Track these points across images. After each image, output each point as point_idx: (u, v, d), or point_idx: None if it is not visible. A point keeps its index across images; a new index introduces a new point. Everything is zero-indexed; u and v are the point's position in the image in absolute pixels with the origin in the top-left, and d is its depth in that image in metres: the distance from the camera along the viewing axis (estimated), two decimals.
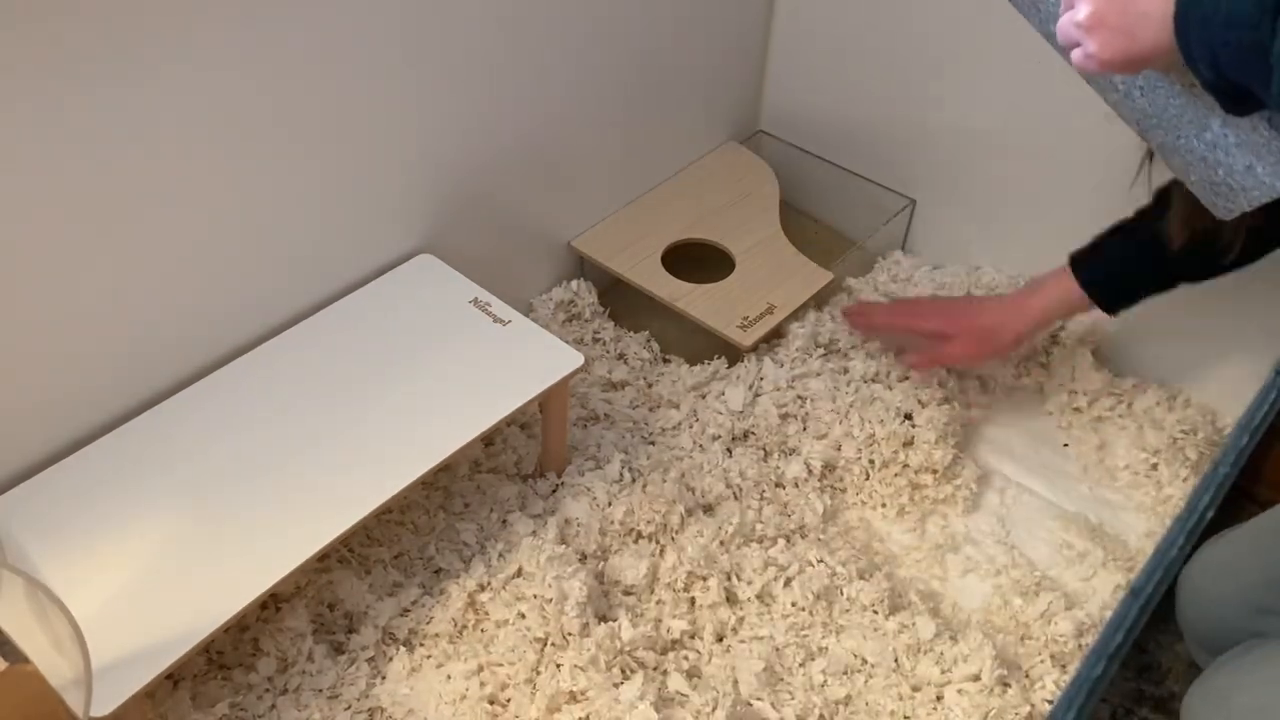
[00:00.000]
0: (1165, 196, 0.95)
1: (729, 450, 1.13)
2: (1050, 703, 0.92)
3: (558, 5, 1.07)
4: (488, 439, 1.08)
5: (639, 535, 1.03)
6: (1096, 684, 0.40)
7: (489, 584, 0.97)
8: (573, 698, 0.88)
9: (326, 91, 0.90)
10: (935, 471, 1.10)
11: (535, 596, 0.94)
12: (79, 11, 0.71)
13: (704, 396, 1.17)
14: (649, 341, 1.25)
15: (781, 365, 1.18)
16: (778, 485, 1.10)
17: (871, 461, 1.11)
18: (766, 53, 1.42)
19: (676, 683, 0.90)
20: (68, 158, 0.75)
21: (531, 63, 1.08)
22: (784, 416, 1.14)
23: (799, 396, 1.16)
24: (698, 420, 1.15)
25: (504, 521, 1.03)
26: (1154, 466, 1.13)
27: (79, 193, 0.77)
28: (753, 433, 1.13)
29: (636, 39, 1.19)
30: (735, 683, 0.91)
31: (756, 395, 1.16)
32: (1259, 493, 1.14)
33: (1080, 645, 0.97)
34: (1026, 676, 0.95)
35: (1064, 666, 0.96)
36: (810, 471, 1.10)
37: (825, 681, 0.93)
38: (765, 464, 1.11)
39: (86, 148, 0.76)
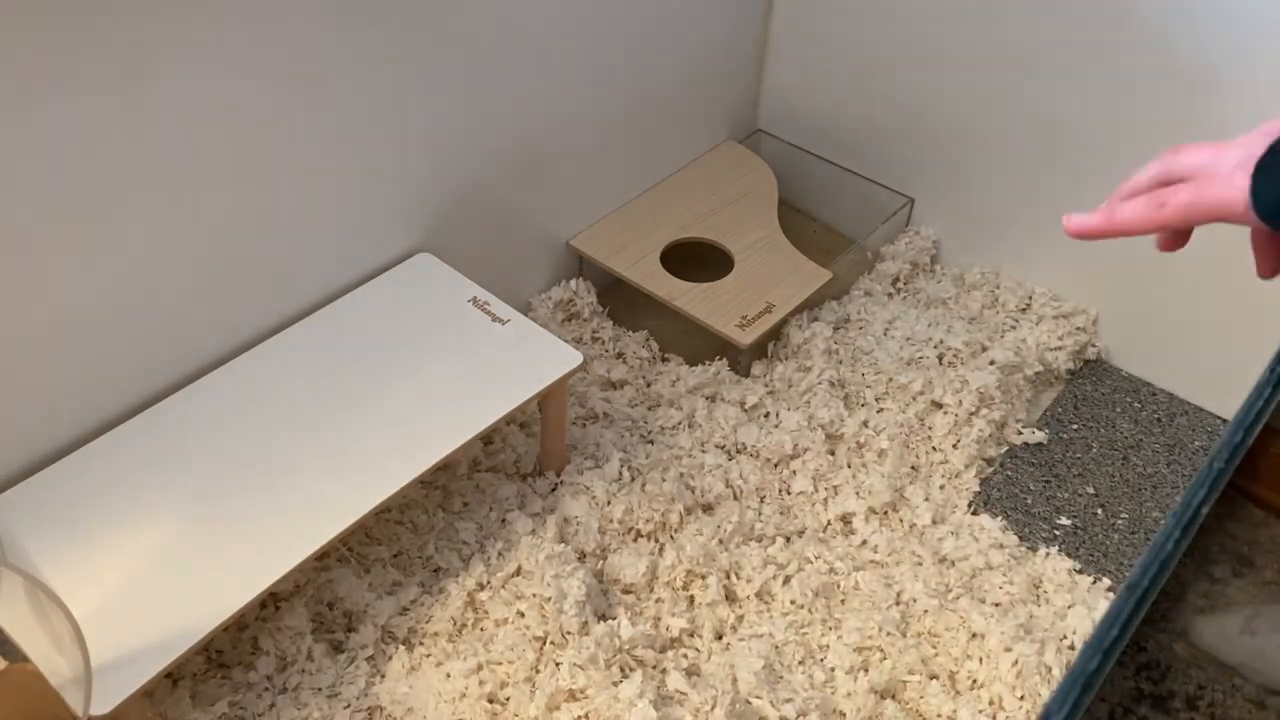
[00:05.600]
0: None
1: (729, 451, 1.13)
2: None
3: (556, 4, 1.07)
4: (487, 438, 1.08)
5: (638, 534, 1.03)
6: (1092, 679, 0.40)
7: (488, 583, 0.97)
8: (572, 696, 0.88)
9: (326, 91, 0.90)
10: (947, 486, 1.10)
11: (534, 595, 0.94)
12: (81, 10, 0.71)
13: (710, 399, 1.17)
14: (648, 340, 1.25)
15: (790, 373, 1.19)
16: (780, 490, 1.10)
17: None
18: (765, 52, 1.42)
19: (676, 681, 0.90)
20: (68, 157, 0.76)
21: (530, 62, 1.08)
22: (792, 428, 1.14)
23: (808, 404, 1.16)
24: (698, 421, 1.15)
25: (503, 520, 1.03)
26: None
27: (79, 193, 0.78)
28: (756, 444, 1.13)
29: (635, 38, 1.19)
30: (734, 681, 0.91)
31: (761, 404, 1.16)
32: (1255, 490, 1.14)
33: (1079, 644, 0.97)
34: (1022, 673, 0.95)
35: (1064, 665, 0.96)
36: (814, 482, 1.10)
37: (825, 679, 0.93)
38: (766, 465, 1.11)
39: (87, 148, 0.76)
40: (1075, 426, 1.18)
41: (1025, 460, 1.15)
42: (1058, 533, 1.07)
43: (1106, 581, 1.03)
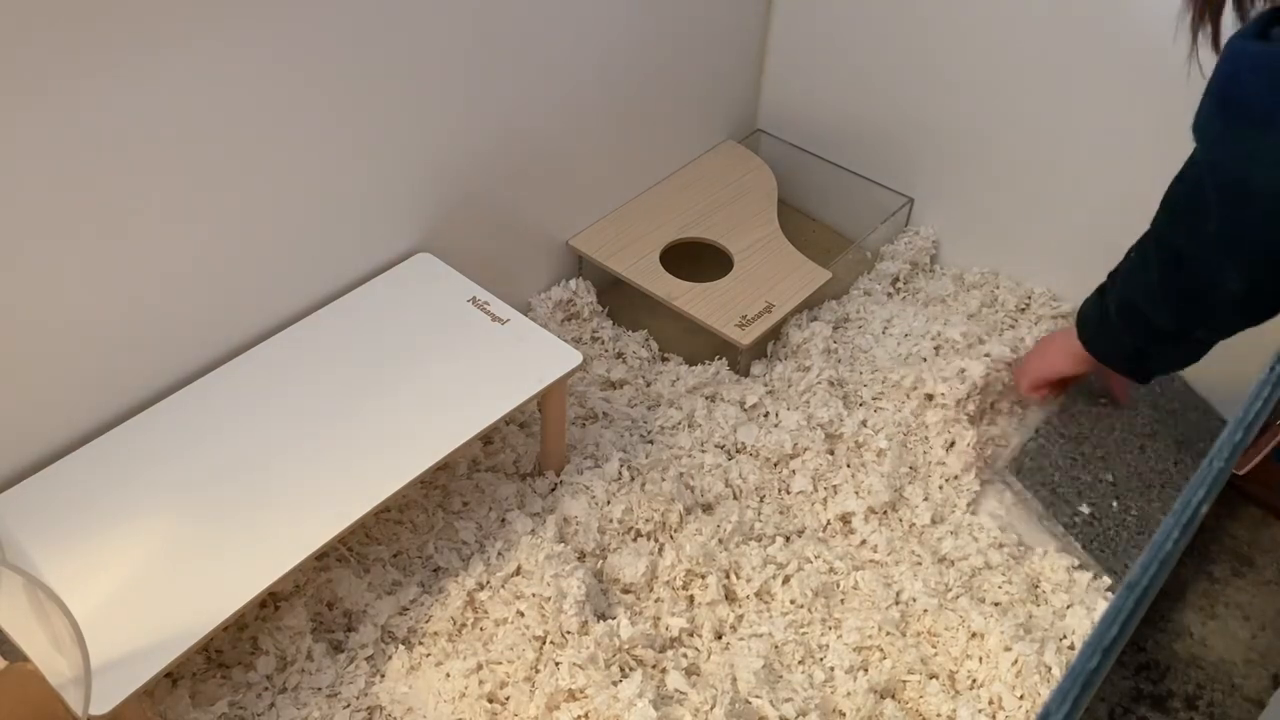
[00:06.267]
0: None
1: (728, 451, 1.13)
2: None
3: (556, 4, 1.07)
4: (486, 437, 1.08)
5: (638, 534, 1.03)
6: (1091, 677, 0.40)
7: (488, 582, 0.97)
8: (571, 696, 0.88)
9: (325, 90, 0.90)
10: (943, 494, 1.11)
11: (534, 595, 0.94)
12: (84, 7, 0.71)
13: (710, 399, 1.17)
14: (647, 340, 1.25)
15: (789, 372, 1.19)
16: (780, 489, 1.10)
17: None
18: (765, 51, 1.42)
19: (675, 680, 0.90)
20: (67, 157, 0.76)
21: (531, 62, 1.08)
22: (791, 429, 1.14)
23: (807, 404, 1.16)
24: (697, 421, 1.15)
25: (503, 520, 1.03)
26: None
27: (79, 192, 0.78)
28: (755, 444, 1.13)
29: (635, 37, 1.20)
30: (734, 680, 0.91)
31: (760, 403, 1.16)
32: (1253, 490, 1.14)
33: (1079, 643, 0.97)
34: (1021, 673, 0.95)
35: (1064, 664, 0.96)
36: (814, 481, 1.10)
37: (825, 678, 0.93)
38: (765, 465, 1.11)
39: (86, 147, 0.76)
40: (1104, 400, 1.17)
41: (1058, 432, 1.13)
42: (1078, 519, 1.07)
43: (1106, 580, 1.03)
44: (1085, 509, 1.08)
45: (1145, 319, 0.91)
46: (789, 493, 1.10)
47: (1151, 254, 0.88)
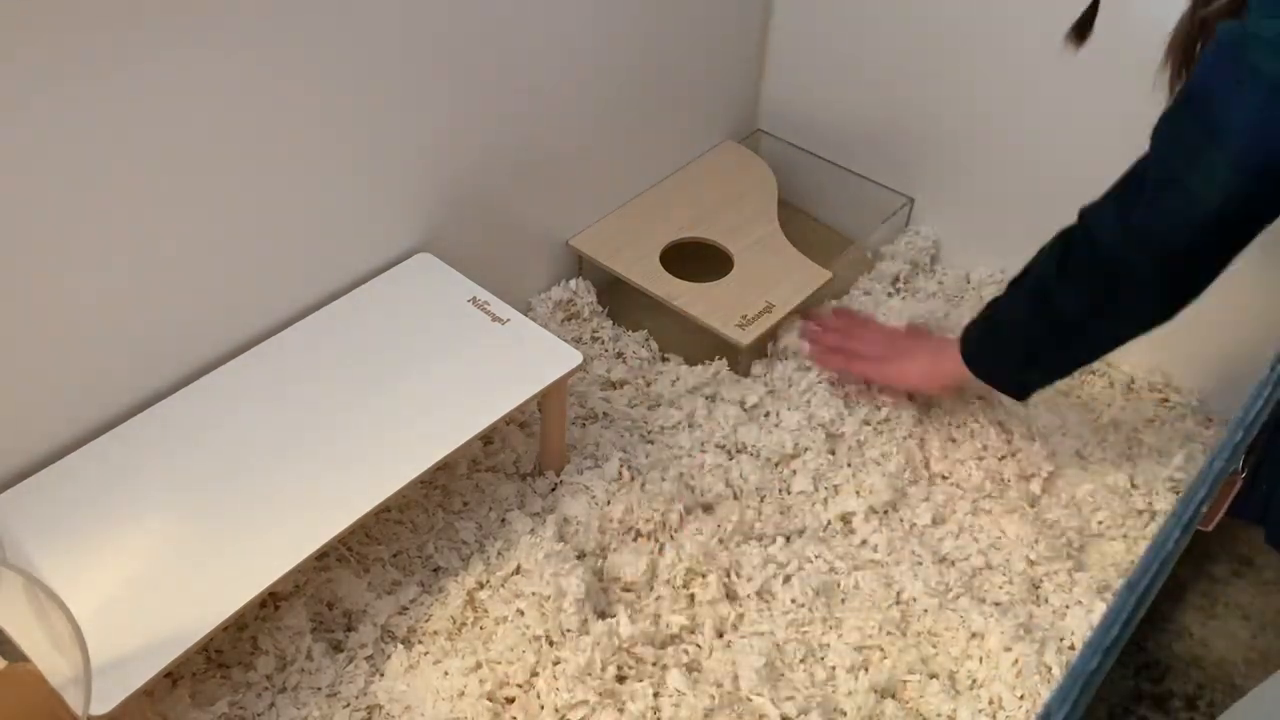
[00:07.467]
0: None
1: (729, 451, 1.13)
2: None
3: (556, 4, 1.07)
4: (486, 437, 1.08)
5: (638, 534, 1.03)
6: (1091, 678, 0.40)
7: (487, 581, 0.97)
8: (571, 693, 0.88)
9: (326, 90, 0.90)
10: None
11: (534, 594, 0.94)
12: (89, 9, 0.71)
13: (710, 399, 1.17)
14: (647, 340, 1.25)
15: (790, 372, 1.18)
16: (780, 489, 1.10)
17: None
18: (765, 51, 1.42)
19: (675, 678, 0.90)
20: (67, 154, 0.76)
21: (531, 62, 1.08)
22: (792, 428, 1.14)
23: (808, 404, 1.16)
24: (698, 421, 1.15)
25: (503, 520, 1.03)
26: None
27: (77, 191, 0.78)
28: (756, 444, 1.13)
29: (635, 37, 1.20)
30: (735, 678, 0.91)
31: (761, 403, 1.16)
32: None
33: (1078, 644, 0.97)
34: (1022, 673, 0.95)
35: (1064, 664, 0.96)
36: (815, 481, 1.10)
37: (826, 677, 0.93)
38: (766, 465, 1.11)
39: (87, 144, 0.76)
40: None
41: None
42: None
43: (1106, 580, 1.03)
44: None
45: (1050, 305, 0.92)
46: (789, 493, 1.10)
47: (1077, 236, 0.92)
